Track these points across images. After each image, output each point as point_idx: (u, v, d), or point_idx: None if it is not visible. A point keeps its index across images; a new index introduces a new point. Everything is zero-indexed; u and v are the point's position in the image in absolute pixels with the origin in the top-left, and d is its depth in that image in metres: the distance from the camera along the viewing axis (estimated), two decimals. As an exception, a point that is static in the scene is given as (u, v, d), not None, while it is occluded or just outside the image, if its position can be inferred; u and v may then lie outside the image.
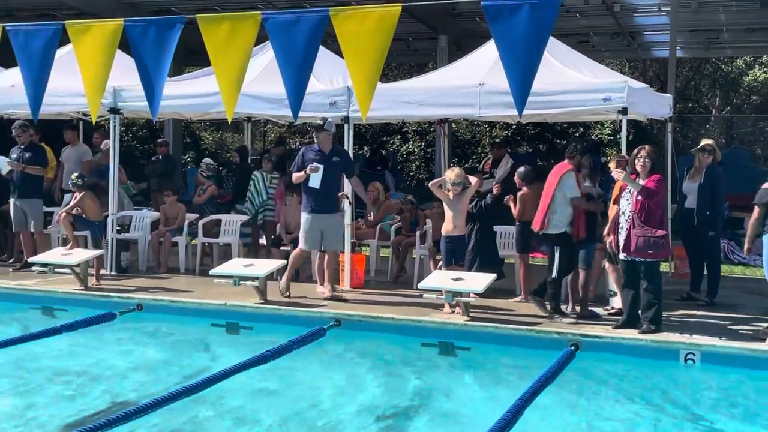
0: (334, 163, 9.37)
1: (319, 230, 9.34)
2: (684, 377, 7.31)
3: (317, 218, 9.30)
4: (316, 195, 9.30)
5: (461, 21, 17.92)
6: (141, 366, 7.53)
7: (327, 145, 9.42)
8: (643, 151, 7.99)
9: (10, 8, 17.19)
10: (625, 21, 17.52)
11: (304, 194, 9.46)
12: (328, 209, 9.38)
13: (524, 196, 9.27)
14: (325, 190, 9.31)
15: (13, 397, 6.45)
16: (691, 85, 27.74)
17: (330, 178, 9.35)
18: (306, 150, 9.62)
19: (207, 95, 10.45)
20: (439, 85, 10.14)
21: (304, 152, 9.60)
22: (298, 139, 24.82)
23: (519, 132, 21.76)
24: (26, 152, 11.11)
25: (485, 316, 8.48)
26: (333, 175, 9.41)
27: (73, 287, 9.73)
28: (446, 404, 6.53)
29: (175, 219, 11.52)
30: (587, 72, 9.98)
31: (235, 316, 8.78)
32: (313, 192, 9.29)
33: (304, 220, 9.40)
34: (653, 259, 7.84)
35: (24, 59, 9.46)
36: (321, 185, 9.24)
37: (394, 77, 23.46)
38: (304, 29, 8.42)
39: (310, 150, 9.51)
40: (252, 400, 6.52)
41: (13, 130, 11.21)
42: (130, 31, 9.06)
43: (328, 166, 9.30)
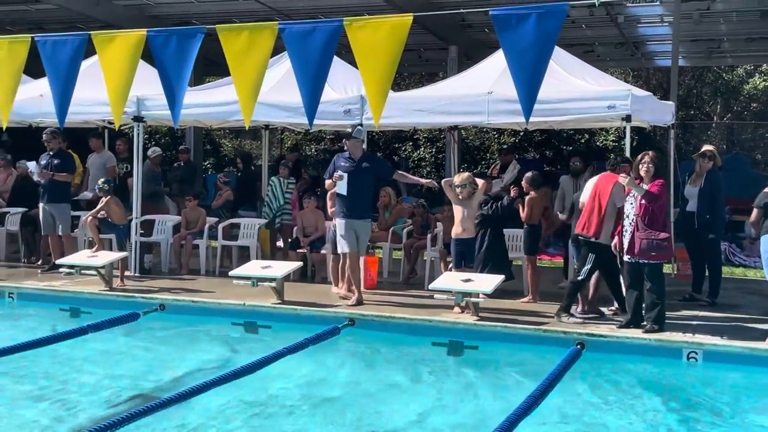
0: (365, 169, 9.35)
1: (354, 232, 9.36)
2: (687, 375, 7.43)
3: (350, 222, 9.31)
4: (348, 201, 9.28)
5: (471, 32, 18.15)
6: (163, 363, 7.68)
7: (357, 151, 9.40)
8: (647, 156, 8.14)
9: (39, 21, 17.58)
10: (628, 31, 17.69)
11: (337, 200, 9.44)
12: (359, 215, 9.35)
13: (532, 200, 9.53)
14: (356, 197, 9.27)
15: (41, 395, 6.56)
16: (693, 93, 27.90)
17: (361, 184, 9.32)
18: (337, 158, 9.62)
19: (226, 104, 10.69)
20: (449, 93, 10.38)
21: (335, 160, 9.60)
22: (314, 146, 25.09)
23: (526, 138, 21.99)
24: (55, 159, 11.36)
25: (494, 316, 8.65)
26: (364, 181, 9.38)
27: (99, 288, 9.97)
28: (454, 402, 6.61)
29: (196, 223, 11.78)
30: (592, 81, 10.18)
31: (254, 315, 8.92)
32: (344, 198, 9.29)
33: (338, 225, 9.39)
34: (657, 261, 8.01)
35: (52, 69, 9.72)
36: (352, 191, 9.22)
37: (405, 86, 23.72)
38: (320, 39, 8.60)
39: (341, 157, 9.51)
40: (266, 396, 6.64)
41: (43, 136, 11.46)
42: (152, 42, 9.32)
43: (359, 172, 9.30)
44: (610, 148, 21.94)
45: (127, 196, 11.53)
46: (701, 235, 9.60)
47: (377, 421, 6.09)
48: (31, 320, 9.38)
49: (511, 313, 8.86)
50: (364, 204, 9.51)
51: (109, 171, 12.35)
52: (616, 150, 21.34)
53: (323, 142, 24.95)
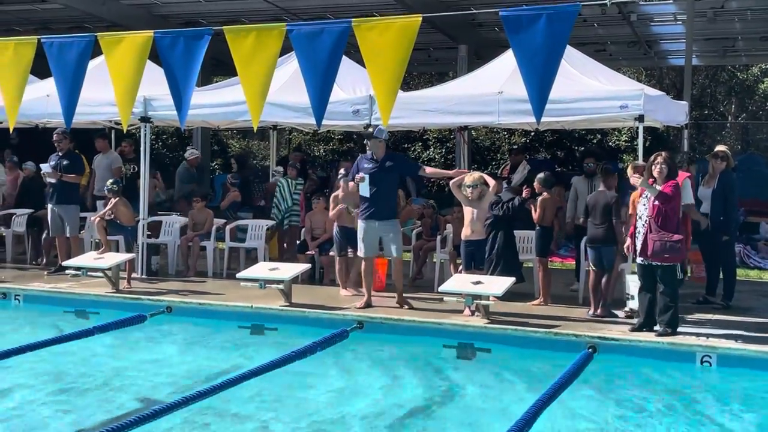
0: (388, 168, 9.25)
1: (377, 236, 9.29)
2: (700, 379, 7.35)
3: (372, 224, 9.23)
4: (371, 202, 9.21)
5: (481, 31, 18.08)
6: (169, 366, 7.65)
7: (380, 151, 9.29)
8: (660, 157, 8.06)
9: (45, 20, 17.60)
10: (641, 30, 17.60)
11: (360, 202, 9.36)
12: (383, 216, 9.25)
13: (545, 201, 9.44)
14: (378, 197, 9.18)
15: (48, 397, 6.57)
16: (707, 92, 27.76)
17: (384, 184, 9.22)
18: (360, 159, 9.51)
19: (234, 104, 10.65)
20: (459, 93, 10.32)
21: (358, 161, 9.50)
22: (322, 147, 25.04)
23: (537, 139, 21.89)
24: (64, 159, 11.35)
25: (504, 318, 8.58)
26: (388, 180, 9.28)
27: (105, 290, 9.94)
28: (465, 405, 6.59)
29: (203, 224, 11.74)
30: (604, 80, 10.10)
31: (261, 318, 8.91)
32: (367, 200, 9.21)
33: (359, 228, 9.35)
34: (670, 263, 7.92)
35: (58, 70, 9.73)
36: (375, 192, 9.13)
37: (415, 86, 23.67)
38: (328, 40, 8.59)
39: (364, 158, 9.40)
40: (275, 400, 6.62)
41: (54, 136, 11.43)
42: (159, 43, 9.31)
43: (382, 172, 9.20)
44: (622, 148, 21.82)
45: (135, 196, 11.46)
46: (715, 237, 9.49)
47: (380, 424, 6.05)
48: (36, 322, 9.35)
49: (521, 316, 8.78)
50: (389, 204, 9.38)
51: (115, 172, 12.32)
52: (629, 150, 21.21)
53: (332, 143, 24.88)
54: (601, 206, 8.82)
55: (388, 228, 9.30)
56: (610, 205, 8.80)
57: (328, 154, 24.71)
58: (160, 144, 23.40)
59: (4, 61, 10.04)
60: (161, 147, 23.45)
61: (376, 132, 9.30)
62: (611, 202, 8.81)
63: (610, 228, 8.76)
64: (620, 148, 21.88)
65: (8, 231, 12.82)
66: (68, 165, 11.35)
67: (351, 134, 22.92)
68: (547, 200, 9.46)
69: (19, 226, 12.82)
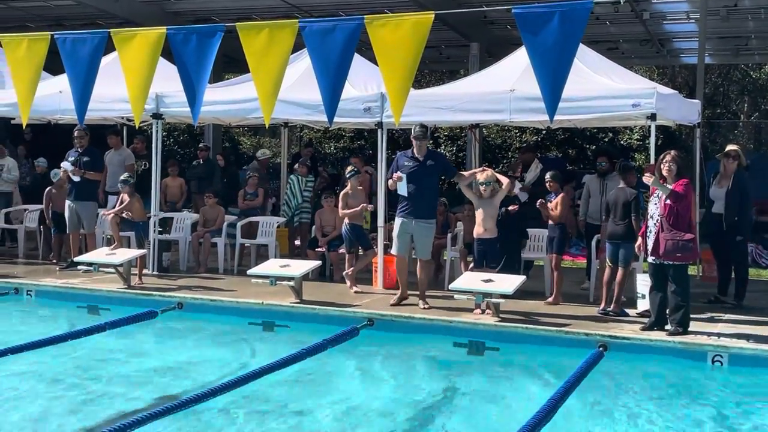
0: (429, 167, 9.13)
1: (410, 234, 9.17)
2: (711, 379, 7.32)
3: (409, 222, 9.12)
4: (411, 200, 9.06)
5: (493, 29, 18.04)
6: (180, 363, 7.66)
7: (422, 150, 9.19)
8: (668, 156, 8.04)
9: (59, 17, 17.67)
10: (654, 28, 17.53)
11: (400, 199, 9.19)
12: (422, 215, 9.12)
13: (564, 199, 9.44)
14: (419, 196, 9.06)
15: (60, 392, 6.60)
16: (719, 91, 27.62)
17: (424, 182, 9.10)
18: (400, 156, 9.35)
19: (246, 101, 10.68)
20: (470, 91, 10.30)
21: (398, 158, 9.33)
22: (333, 144, 25.04)
23: (549, 137, 21.82)
24: (84, 156, 11.39)
25: (515, 316, 8.58)
26: (428, 179, 9.16)
27: (117, 286, 9.98)
28: (476, 404, 6.58)
29: (214, 221, 11.77)
30: (617, 78, 10.06)
31: (272, 315, 8.91)
32: (406, 198, 9.06)
33: (395, 225, 9.23)
34: (682, 262, 7.89)
35: (71, 66, 9.76)
36: (416, 190, 9.00)
37: (426, 83, 23.62)
38: (340, 37, 8.58)
39: (404, 156, 9.25)
40: (287, 396, 6.64)
41: (75, 132, 11.47)
42: (172, 39, 9.32)
43: (423, 171, 9.09)
44: (634, 147, 21.73)
45: (147, 192, 11.47)
46: (728, 236, 9.45)
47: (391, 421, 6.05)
48: (48, 318, 9.42)
49: (532, 314, 8.77)
50: (429, 204, 9.25)
51: (127, 169, 12.35)
52: (641, 149, 21.13)
53: (342, 140, 24.87)
54: (622, 203, 8.82)
55: (423, 227, 9.19)
56: (630, 201, 8.79)
57: (339, 151, 24.70)
58: (171, 141, 23.45)
59: (17, 57, 10.08)
60: (173, 144, 23.51)
61: (418, 131, 9.14)
62: (631, 198, 8.80)
63: (630, 225, 8.75)
64: (632, 146, 21.79)
65: (20, 227, 12.88)
66: (88, 162, 11.38)
67: (362, 131, 22.89)
68: (565, 198, 9.45)
69: (31, 222, 12.88)
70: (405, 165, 9.15)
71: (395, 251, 9.30)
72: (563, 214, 9.47)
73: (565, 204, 9.49)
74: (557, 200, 9.45)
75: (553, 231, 9.51)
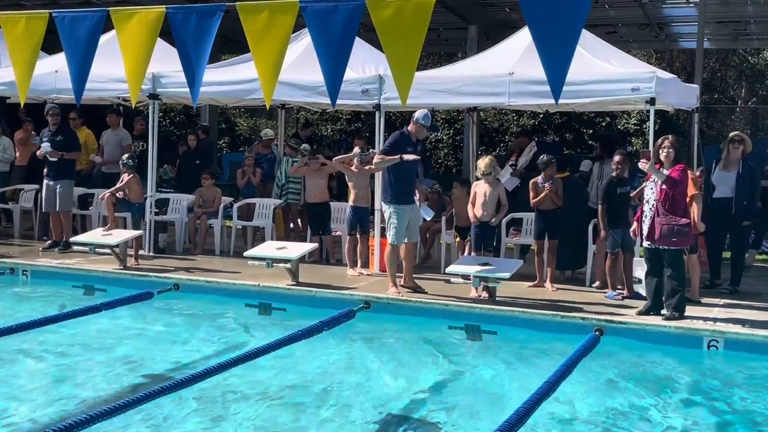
0: (419, 153, 9.19)
1: (408, 221, 9.11)
2: (707, 364, 7.35)
3: (408, 209, 9.04)
4: (410, 185, 9.09)
5: (491, 11, 17.95)
6: (176, 343, 7.68)
7: (420, 136, 9.20)
8: (667, 141, 8.02)
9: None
10: (653, 12, 17.46)
11: (390, 185, 9.06)
12: (413, 200, 9.20)
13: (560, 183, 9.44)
14: (413, 180, 9.19)
15: (54, 373, 6.63)
16: (717, 76, 27.56)
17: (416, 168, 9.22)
18: (401, 137, 9.12)
19: (243, 82, 10.66)
20: (469, 74, 10.25)
21: (399, 139, 9.08)
22: (330, 126, 24.97)
23: (546, 121, 21.79)
24: (57, 135, 11.40)
25: (511, 300, 8.61)
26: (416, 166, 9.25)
27: (113, 267, 9.98)
28: (471, 387, 6.61)
29: (211, 202, 11.74)
30: (616, 62, 10.04)
31: (268, 296, 8.92)
32: (403, 183, 9.03)
33: (395, 214, 9.00)
34: (677, 247, 7.91)
35: (69, 45, 9.61)
36: (410, 176, 9.06)
37: (424, 66, 23.43)
38: (341, 18, 8.43)
39: (405, 137, 9.11)
40: (281, 378, 6.65)
41: (49, 110, 11.48)
42: (172, 19, 9.18)
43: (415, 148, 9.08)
44: (631, 131, 21.70)
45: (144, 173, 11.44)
46: (734, 221, 9.44)
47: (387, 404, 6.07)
48: (44, 298, 9.40)
49: (528, 299, 8.80)
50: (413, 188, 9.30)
51: (125, 149, 12.30)
52: (638, 134, 21.10)
53: (339, 123, 24.81)
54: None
55: (417, 210, 9.26)
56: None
57: (336, 133, 24.65)
58: (168, 122, 23.37)
59: (15, 35, 9.96)
60: (169, 125, 23.43)
61: (423, 117, 9.08)
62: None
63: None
64: (629, 131, 21.77)
65: (16, 206, 12.84)
66: (62, 141, 11.39)
67: (359, 114, 22.83)
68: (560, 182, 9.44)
69: (26, 202, 12.84)
70: (408, 151, 9.01)
71: (397, 240, 9.08)
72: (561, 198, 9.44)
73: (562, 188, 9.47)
74: (560, 185, 9.39)
75: (543, 217, 9.42)
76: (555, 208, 9.39)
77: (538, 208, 9.40)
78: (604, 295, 8.98)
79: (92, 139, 13.02)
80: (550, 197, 9.30)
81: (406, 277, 9.19)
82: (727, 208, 9.44)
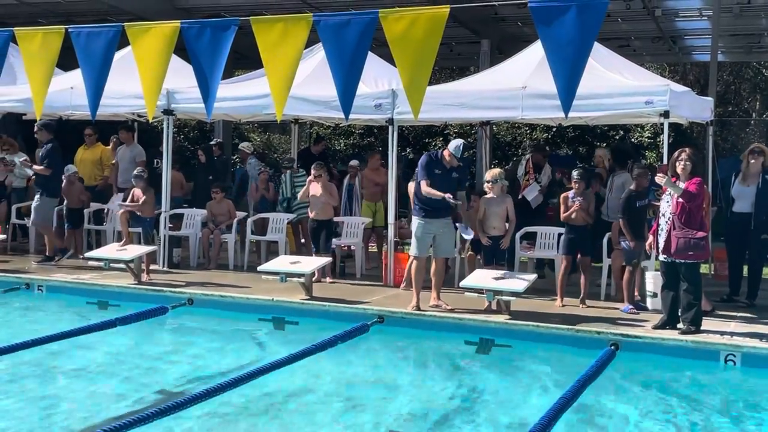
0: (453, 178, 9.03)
1: (432, 235, 9.04)
2: (724, 379, 7.29)
3: (431, 223, 8.97)
4: (437, 201, 8.87)
5: (504, 25, 17.98)
6: (190, 358, 7.67)
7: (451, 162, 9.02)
8: (684, 153, 7.98)
9: (69, 13, 17.67)
10: (666, 25, 17.43)
11: (419, 199, 9.05)
12: (442, 214, 9.04)
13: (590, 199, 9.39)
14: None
15: (69, 387, 6.64)
16: (731, 89, 27.48)
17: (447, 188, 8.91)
18: (430, 162, 9.04)
19: (256, 97, 10.69)
20: (482, 87, 10.27)
21: (428, 164, 9.02)
22: (343, 141, 25.00)
23: (559, 134, 21.77)
24: (41, 150, 11.65)
25: (526, 314, 8.53)
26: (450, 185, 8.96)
27: (128, 282, 9.99)
28: (487, 402, 6.56)
29: (222, 216, 11.72)
30: (629, 75, 10.01)
31: (282, 311, 8.90)
32: (432, 199, 8.87)
33: (418, 227, 9.02)
34: (694, 261, 7.85)
35: (85, 60, 9.71)
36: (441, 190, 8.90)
37: (437, 80, 23.48)
38: (355, 31, 8.50)
39: (433, 162, 9.04)
40: (294, 392, 6.64)
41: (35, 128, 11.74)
42: (186, 34, 9.26)
43: (448, 179, 8.96)
44: (645, 144, 21.63)
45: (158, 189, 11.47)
46: (753, 235, 9.35)
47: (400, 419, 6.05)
48: (59, 313, 9.42)
49: (543, 313, 8.72)
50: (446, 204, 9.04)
51: (139, 165, 12.35)
52: (652, 147, 21.03)
53: (352, 137, 24.84)
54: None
55: (446, 224, 9.11)
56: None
57: (349, 148, 24.68)
58: (182, 137, 23.48)
59: (32, 50, 10.05)
60: (183, 140, 23.55)
61: (455, 149, 8.95)
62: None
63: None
64: (643, 144, 21.71)
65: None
66: (42, 156, 11.58)
67: (372, 128, 22.85)
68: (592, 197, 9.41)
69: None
70: (437, 174, 8.96)
71: (417, 252, 9.06)
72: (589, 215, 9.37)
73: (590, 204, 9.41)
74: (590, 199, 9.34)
75: (576, 232, 9.25)
76: (585, 224, 9.27)
77: (569, 223, 9.32)
78: (619, 309, 8.91)
79: (107, 155, 13.08)
80: (580, 212, 9.23)
81: (434, 294, 9.04)
82: (746, 223, 9.35)
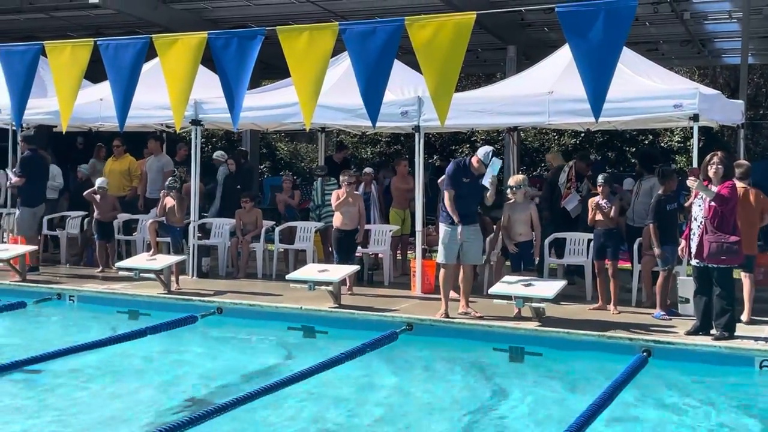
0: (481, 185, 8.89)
1: (460, 242, 8.89)
2: (759, 385, 7.19)
3: (461, 230, 8.81)
4: (464, 208, 8.85)
5: (530, 31, 17.94)
6: (220, 367, 7.69)
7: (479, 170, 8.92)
8: (716, 157, 7.89)
9: (99, 26, 17.92)
10: (695, 28, 17.30)
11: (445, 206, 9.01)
12: (470, 221, 8.94)
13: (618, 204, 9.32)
14: (469, 205, 8.99)
15: (99, 397, 6.67)
16: (762, 91, 27.17)
17: (475, 196, 8.99)
18: (457, 171, 9.01)
19: (283, 106, 10.73)
20: (508, 93, 10.23)
21: (455, 172, 8.99)
22: (370, 149, 25.04)
23: (587, 140, 21.64)
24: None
25: (556, 320, 8.49)
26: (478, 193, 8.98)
27: (157, 291, 10.05)
28: (517, 409, 6.53)
29: (252, 225, 11.78)
30: (657, 79, 9.94)
31: (311, 319, 8.93)
32: (459, 205, 8.84)
33: (445, 234, 8.94)
34: (726, 266, 7.74)
35: (113, 72, 9.85)
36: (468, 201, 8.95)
37: (463, 87, 23.47)
38: (381, 39, 8.54)
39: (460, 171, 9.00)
40: (324, 401, 6.64)
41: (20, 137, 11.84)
42: (213, 44, 9.37)
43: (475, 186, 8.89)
44: (675, 149, 21.45)
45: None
46: None
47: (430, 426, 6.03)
48: (90, 323, 9.48)
49: (573, 320, 8.65)
50: (475, 211, 9.21)
51: (167, 175, 12.43)
52: (682, 151, 20.84)
53: (379, 145, 24.88)
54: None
55: (474, 231, 9.02)
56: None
57: (376, 156, 24.72)
58: (209, 147, 23.65)
59: (60, 63, 10.20)
60: (211, 150, 23.71)
61: (484, 157, 8.85)
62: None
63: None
64: (673, 149, 21.53)
65: (63, 233, 13.03)
66: (20, 168, 11.65)
67: (398, 136, 22.87)
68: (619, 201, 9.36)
69: (73, 228, 13.02)
70: (464, 182, 8.92)
71: (445, 260, 8.98)
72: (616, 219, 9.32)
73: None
74: (619, 203, 9.30)
75: (604, 236, 9.19)
76: (613, 227, 9.21)
77: (596, 227, 9.26)
78: (651, 315, 8.81)
79: (135, 166, 13.19)
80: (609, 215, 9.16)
81: (462, 301, 8.97)
82: None
